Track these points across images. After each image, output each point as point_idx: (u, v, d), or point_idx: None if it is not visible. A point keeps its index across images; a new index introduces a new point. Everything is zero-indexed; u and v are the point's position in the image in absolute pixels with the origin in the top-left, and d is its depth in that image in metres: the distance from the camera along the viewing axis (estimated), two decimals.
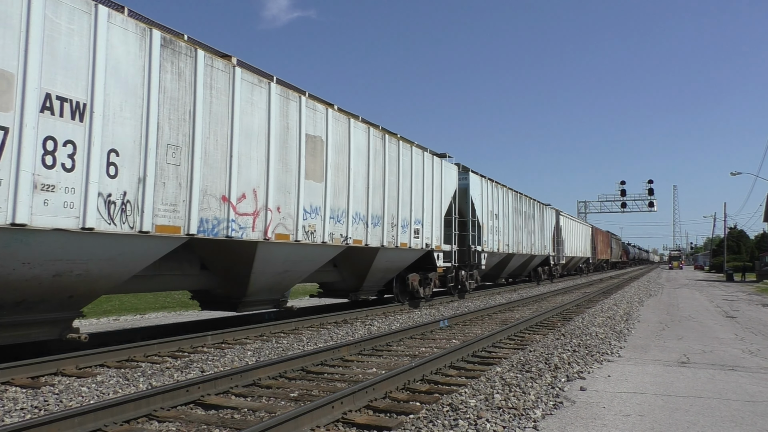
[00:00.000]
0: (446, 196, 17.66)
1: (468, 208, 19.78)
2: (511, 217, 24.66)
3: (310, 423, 4.82)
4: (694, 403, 5.80)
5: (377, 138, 13.60)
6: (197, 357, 8.30)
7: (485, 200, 21.26)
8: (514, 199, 25.31)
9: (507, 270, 26.01)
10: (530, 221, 28.10)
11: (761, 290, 28.72)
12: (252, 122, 9.61)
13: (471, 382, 6.54)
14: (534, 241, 28.67)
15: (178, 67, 8.20)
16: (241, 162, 9.31)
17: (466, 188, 19.76)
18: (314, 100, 11.32)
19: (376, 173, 13.49)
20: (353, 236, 12.40)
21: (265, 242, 9.83)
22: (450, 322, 12.51)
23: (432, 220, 16.45)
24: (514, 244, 25.12)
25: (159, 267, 9.26)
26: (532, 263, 29.69)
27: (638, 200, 72.05)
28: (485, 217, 21.12)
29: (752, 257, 63.53)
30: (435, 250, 16.59)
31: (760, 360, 8.37)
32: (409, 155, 15.12)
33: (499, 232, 22.81)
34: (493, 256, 22.35)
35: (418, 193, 15.63)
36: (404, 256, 14.99)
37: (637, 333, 11.19)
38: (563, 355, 8.30)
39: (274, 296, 11.36)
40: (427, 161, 16.31)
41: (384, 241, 13.62)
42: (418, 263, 16.24)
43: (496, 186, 22.96)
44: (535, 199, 29.41)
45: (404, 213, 14.74)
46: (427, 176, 16.26)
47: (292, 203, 10.51)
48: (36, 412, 5.46)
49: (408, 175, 15.06)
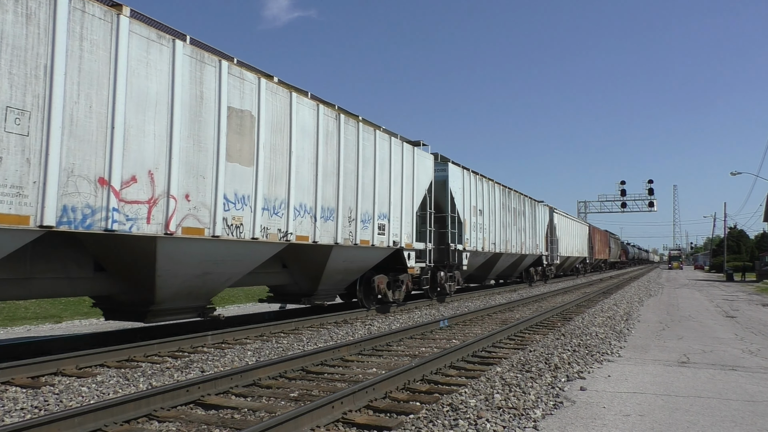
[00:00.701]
0: (420, 189, 15.77)
1: (447, 203, 17.96)
2: (498, 214, 22.87)
3: (310, 423, 4.82)
4: (694, 403, 5.80)
5: (330, 118, 11.78)
6: (197, 357, 8.30)
7: (468, 194, 19.52)
8: (501, 194, 23.53)
9: (495, 271, 24.37)
10: (520, 218, 26.29)
11: (761, 290, 28.72)
12: (148, 87, 7.75)
13: (471, 382, 6.54)
14: (525, 240, 26.83)
15: (27, 7, 6.38)
16: (129, 136, 7.46)
17: (444, 180, 17.93)
18: (243, 68, 9.50)
19: (329, 159, 11.68)
20: (296, 232, 10.62)
21: (167, 238, 8.07)
22: (450, 322, 12.51)
23: (401, 215, 14.57)
24: (502, 243, 23.33)
25: (30, 269, 7.62)
26: (523, 263, 28.02)
27: (638, 200, 72.01)
28: (468, 212, 19.39)
29: (752, 257, 63.57)
30: (405, 249, 14.76)
31: (760, 360, 8.37)
32: (371, 140, 13.28)
33: (484, 230, 21.07)
34: (477, 255, 20.59)
35: (383, 184, 13.76)
36: (366, 256, 13.29)
37: (637, 333, 11.19)
38: (563, 355, 8.30)
39: (196, 303, 9.64)
40: (396, 148, 14.40)
41: (339, 238, 11.88)
42: (386, 263, 14.58)
43: (481, 179, 21.14)
44: (526, 195, 27.61)
45: (365, 206, 12.96)
46: (395, 165, 14.36)
47: (207, 190, 8.69)
48: (36, 412, 5.46)
49: (370, 162, 13.22)
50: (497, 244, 22.68)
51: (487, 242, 21.52)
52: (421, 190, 15.92)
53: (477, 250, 20.27)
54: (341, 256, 12.35)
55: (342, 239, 12.06)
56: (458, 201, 18.59)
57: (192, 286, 9.25)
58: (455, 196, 18.39)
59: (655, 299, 20.88)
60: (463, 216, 18.88)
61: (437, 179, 17.66)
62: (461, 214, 18.71)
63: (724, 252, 63.37)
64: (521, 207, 26.45)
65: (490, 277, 24.52)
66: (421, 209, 16.20)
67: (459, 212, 18.52)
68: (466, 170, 19.61)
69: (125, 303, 9.02)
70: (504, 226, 23.68)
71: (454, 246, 18.09)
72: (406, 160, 15.01)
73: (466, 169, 19.77)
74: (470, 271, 21.26)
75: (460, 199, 18.81)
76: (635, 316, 14.21)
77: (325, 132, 11.59)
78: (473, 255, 20.14)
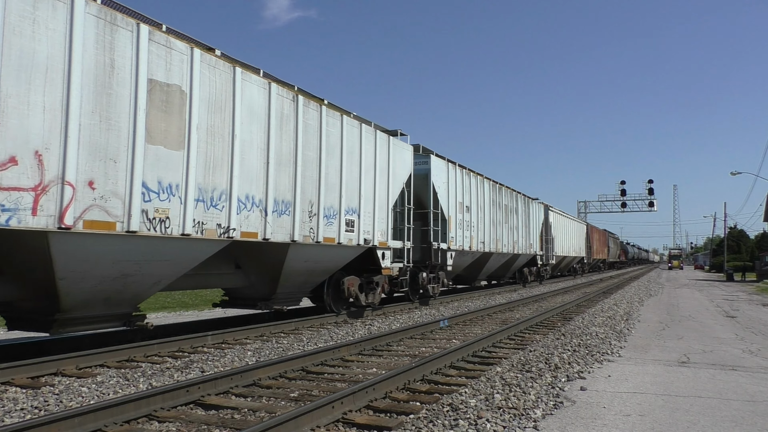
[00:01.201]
0: (397, 182, 14.34)
1: (429, 198, 16.62)
2: (488, 211, 21.55)
3: (310, 423, 4.82)
4: (695, 403, 5.80)
5: (285, 99, 10.38)
6: (197, 357, 8.29)
7: (453, 189, 18.14)
8: (491, 189, 22.18)
9: (485, 271, 23.04)
10: (513, 216, 24.84)
11: (761, 290, 28.72)
12: (35, 50, 6.43)
13: (471, 382, 6.54)
14: (517, 239, 25.47)
15: None
16: (7, 107, 6.16)
17: (426, 174, 16.57)
18: (171, 36, 8.20)
19: (284, 145, 10.28)
20: (241, 227, 9.24)
21: (63, 233, 6.73)
22: (450, 322, 12.51)
23: (374, 211, 13.21)
24: (492, 242, 21.98)
25: None
26: (516, 264, 26.67)
27: (638, 200, 72.05)
28: (453, 209, 18.02)
29: (752, 257, 63.54)
30: (379, 248, 13.41)
31: (761, 360, 8.37)
32: (338, 126, 11.91)
33: (472, 228, 19.70)
34: (464, 255, 19.30)
35: (352, 176, 12.40)
36: (332, 255, 11.98)
37: (638, 333, 11.18)
38: (563, 355, 8.30)
39: (118, 310, 8.23)
40: (368, 136, 13.02)
41: (296, 235, 10.53)
42: (359, 264, 13.36)
43: (468, 173, 19.78)
44: (519, 192, 26.20)
45: (330, 199, 11.61)
46: (367, 155, 12.98)
47: (120, 177, 7.34)
48: (36, 413, 5.46)
49: (336, 151, 11.87)
50: (487, 242, 21.38)
51: (476, 241, 20.16)
52: (399, 184, 14.50)
53: (464, 250, 18.97)
54: (301, 256, 11.04)
55: (301, 236, 10.71)
56: (442, 196, 17.29)
57: (109, 291, 7.84)
58: (438, 191, 17.02)
59: (655, 299, 20.87)
60: (448, 212, 17.63)
61: (418, 172, 16.44)
62: (446, 210, 17.48)
63: (724, 252, 63.37)
64: (513, 204, 25.18)
65: (480, 277, 23.29)
66: (399, 204, 14.99)
67: (443, 208, 17.30)
68: (451, 164, 18.29)
69: (29, 311, 7.72)
70: (494, 224, 22.40)
71: (437, 245, 16.86)
72: (380, 150, 13.56)
73: (452, 162, 18.43)
74: (458, 271, 20.26)
75: (444, 195, 17.50)
76: (635, 316, 14.21)
77: (279, 115, 10.16)
78: (459, 254, 18.88)
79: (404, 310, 12.49)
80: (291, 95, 10.59)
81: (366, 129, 12.99)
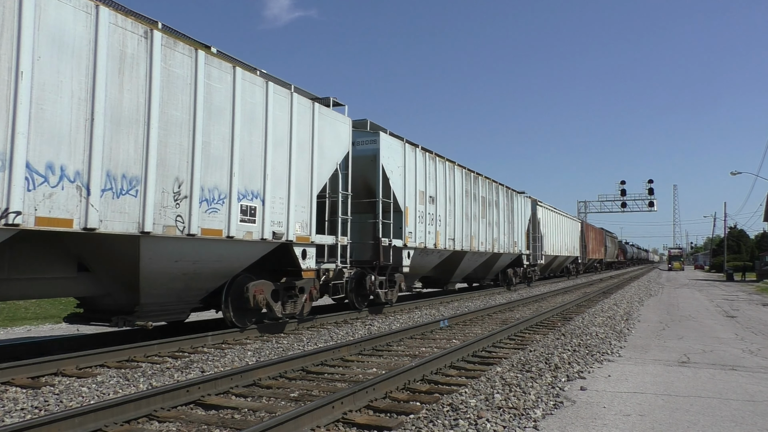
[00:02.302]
0: (326, 162, 11.68)
1: (378, 185, 14.00)
2: (459, 203, 18.85)
3: (311, 423, 4.82)
4: (695, 403, 5.80)
5: (131, 34, 7.66)
6: (197, 357, 8.30)
7: (412, 176, 15.44)
8: (465, 179, 19.51)
9: (459, 273, 20.43)
10: (492, 210, 22.23)
11: (761, 290, 28.72)
12: None
13: (471, 382, 6.54)
14: (498, 236, 22.85)
15: None
16: None
17: (374, 155, 14.00)
18: None
19: (126, 97, 7.56)
20: (37, 210, 6.47)
21: None
22: (450, 322, 12.51)
23: (290, 197, 10.54)
24: (466, 239, 19.29)
25: None
26: (498, 264, 23.99)
27: (638, 200, 72.04)
28: (412, 199, 15.32)
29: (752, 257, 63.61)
30: (298, 244, 10.77)
31: (761, 360, 8.38)
32: (228, 82, 9.17)
33: (438, 222, 17.00)
34: (426, 254, 16.52)
35: (252, 149, 9.67)
36: (222, 253, 9.22)
37: (638, 333, 11.19)
38: (563, 355, 8.30)
39: None
40: (279, 100, 10.30)
41: (150, 225, 7.80)
42: (273, 264, 10.92)
43: (434, 158, 16.97)
44: (500, 183, 23.48)
45: (213, 178, 8.89)
46: (279, 124, 10.30)
47: None
48: (36, 413, 5.46)
49: (225, 114, 9.11)
50: (458, 240, 18.64)
51: (443, 237, 17.41)
52: (330, 164, 11.83)
53: (426, 248, 16.14)
54: (167, 254, 8.35)
55: (160, 226, 8.01)
56: (396, 183, 14.59)
57: None
58: (391, 177, 14.33)
59: (655, 299, 20.88)
60: (405, 203, 14.91)
61: (362, 153, 14.09)
62: (401, 200, 14.73)
63: (724, 252, 63.41)
64: (493, 197, 22.57)
65: (453, 280, 20.64)
66: (332, 191, 12.35)
67: (397, 198, 14.56)
68: (410, 145, 15.57)
69: None
70: (468, 219, 19.68)
71: (387, 241, 14.18)
72: (300, 120, 10.90)
73: (412, 144, 15.79)
74: (423, 273, 17.80)
75: (399, 181, 14.77)
76: (635, 316, 14.21)
77: (117, 54, 7.46)
78: (422, 253, 16.19)
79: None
80: (142, 30, 7.82)
81: (277, 90, 10.29)
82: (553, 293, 22.87)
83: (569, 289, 26.00)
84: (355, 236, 14.21)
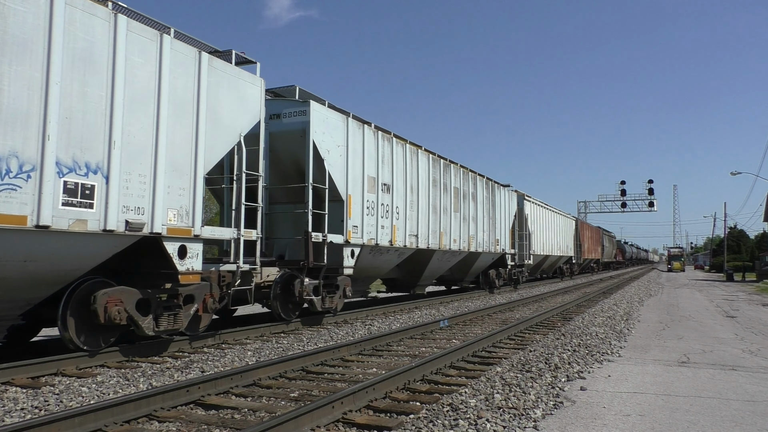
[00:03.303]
0: (222, 132, 9.09)
1: (307, 166, 11.41)
2: (425, 194, 16.18)
3: (311, 423, 4.82)
4: (695, 403, 5.80)
5: None
6: (197, 357, 8.30)
7: (359, 158, 12.95)
8: (431, 166, 16.68)
9: (428, 275, 17.77)
10: (467, 204, 19.51)
11: (761, 290, 28.73)
12: None
13: (471, 382, 6.54)
14: (476, 233, 20.22)
15: None
16: None
17: (303, 130, 11.49)
18: None
19: None
20: None
21: None
22: (450, 322, 12.51)
23: (156, 174, 7.92)
24: (432, 236, 16.57)
25: None
26: (478, 264, 21.24)
27: (638, 200, 72.03)
28: (357, 186, 12.81)
29: (752, 257, 63.55)
30: (171, 238, 8.20)
31: (761, 360, 8.38)
32: (41, 5, 6.55)
33: (395, 215, 14.39)
34: (381, 252, 14.02)
35: (86, 103, 7.00)
36: (35, 249, 6.58)
37: (638, 333, 11.19)
38: (563, 355, 8.30)
39: None
40: (137, 41, 7.69)
41: None
42: (150, 267, 8.42)
43: (390, 140, 14.36)
44: (479, 173, 20.87)
45: (10, 138, 6.22)
46: (139, 74, 7.70)
47: None
48: (36, 412, 5.46)
49: (31, 49, 6.43)
50: (423, 236, 15.96)
51: (402, 233, 14.75)
52: (227, 136, 9.25)
53: (379, 245, 13.64)
54: None
55: None
56: (334, 166, 12.03)
57: None
58: (327, 158, 11.80)
59: (655, 299, 20.88)
60: (347, 190, 12.42)
61: (289, 127, 11.69)
62: (341, 187, 12.24)
63: (724, 252, 63.41)
64: (469, 188, 19.88)
65: (422, 282, 17.97)
66: (236, 170, 9.63)
67: (336, 184, 12.09)
68: (357, 121, 12.99)
69: None
70: (436, 212, 16.99)
71: (322, 237, 11.59)
72: (176, 73, 8.28)
73: (359, 120, 13.19)
74: (379, 275, 15.42)
75: (340, 164, 12.23)
76: (635, 316, 14.21)
77: None
78: (373, 252, 13.70)
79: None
80: None
81: (134, 28, 7.68)
82: (552, 293, 22.85)
83: (569, 289, 25.98)
84: (288, 231, 12.11)
